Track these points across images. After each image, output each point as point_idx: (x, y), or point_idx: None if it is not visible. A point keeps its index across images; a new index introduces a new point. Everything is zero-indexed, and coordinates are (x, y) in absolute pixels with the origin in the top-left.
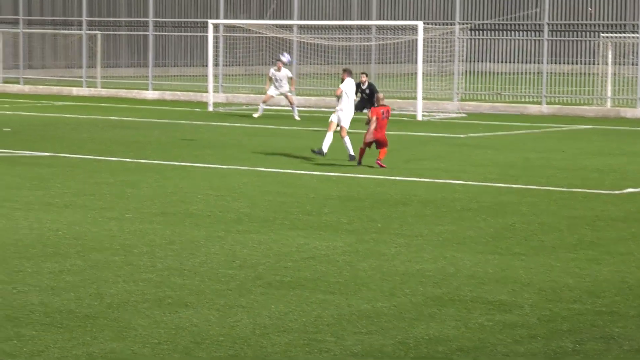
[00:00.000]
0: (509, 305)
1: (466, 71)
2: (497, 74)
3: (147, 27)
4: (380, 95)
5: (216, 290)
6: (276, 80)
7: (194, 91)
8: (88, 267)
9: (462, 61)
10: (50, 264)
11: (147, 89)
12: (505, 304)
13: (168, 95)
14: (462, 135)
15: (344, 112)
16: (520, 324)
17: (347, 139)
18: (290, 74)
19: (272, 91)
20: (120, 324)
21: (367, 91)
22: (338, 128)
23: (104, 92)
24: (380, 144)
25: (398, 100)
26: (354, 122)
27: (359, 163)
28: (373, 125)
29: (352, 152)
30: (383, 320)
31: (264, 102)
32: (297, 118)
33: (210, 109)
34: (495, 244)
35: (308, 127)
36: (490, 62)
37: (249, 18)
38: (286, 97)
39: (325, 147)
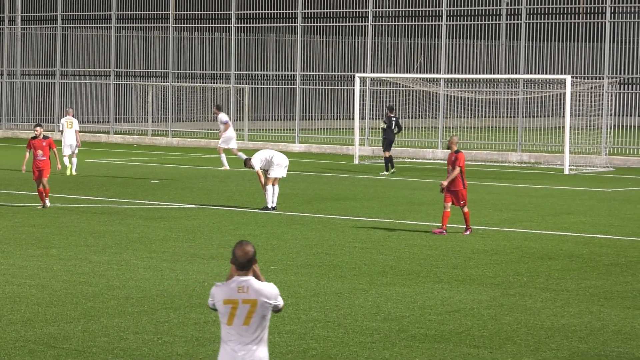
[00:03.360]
0: None
1: (614, 125)
2: None
3: (294, 81)
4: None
5: (360, 342)
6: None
7: (340, 144)
8: None
9: (611, 115)
10: (196, 315)
11: (293, 142)
12: None
13: (314, 148)
14: (609, 190)
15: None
16: None
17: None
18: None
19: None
20: None
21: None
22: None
23: (251, 144)
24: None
25: (545, 154)
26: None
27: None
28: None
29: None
30: None
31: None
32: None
33: (356, 161)
34: None
35: None
36: (639, 116)
37: (396, 71)
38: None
39: (270, 203)
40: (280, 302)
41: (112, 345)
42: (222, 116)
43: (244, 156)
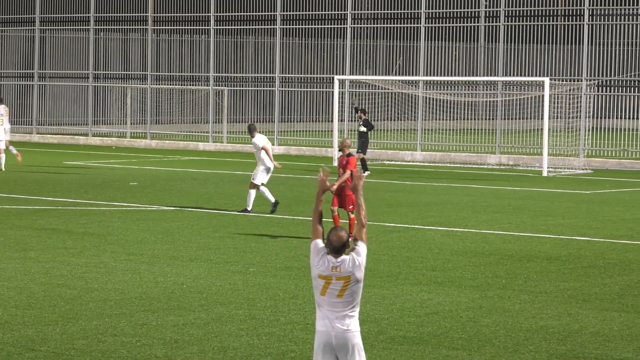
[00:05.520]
0: None
1: (592, 127)
2: (624, 130)
3: (273, 83)
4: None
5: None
6: None
7: (318, 146)
8: (212, 321)
9: (589, 117)
10: (174, 317)
11: (272, 144)
12: None
13: (293, 150)
14: (588, 192)
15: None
16: None
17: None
18: None
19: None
20: None
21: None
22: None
23: (229, 147)
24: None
25: (524, 156)
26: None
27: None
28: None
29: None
30: None
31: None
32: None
33: (335, 163)
34: (621, 302)
35: (433, 182)
36: (617, 118)
37: (375, 74)
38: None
39: (250, 205)
40: (363, 252)
41: (91, 347)
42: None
43: (15, 151)
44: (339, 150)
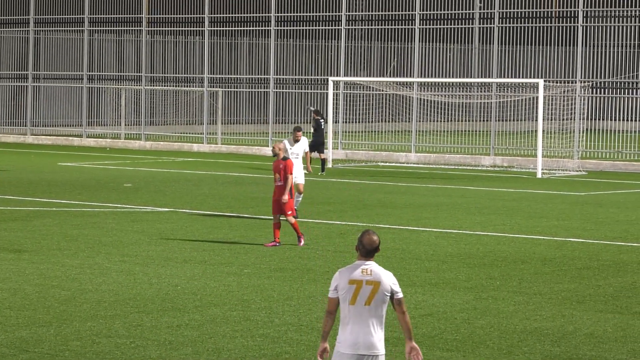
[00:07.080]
0: None
1: (587, 129)
2: (618, 131)
3: (267, 84)
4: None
5: (333, 345)
6: None
7: None
8: (206, 322)
9: (583, 119)
10: (168, 319)
11: (267, 146)
12: None
13: None
14: (582, 193)
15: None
16: None
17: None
18: None
19: None
20: None
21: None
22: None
23: (224, 148)
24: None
25: (518, 157)
26: None
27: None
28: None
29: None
30: None
31: None
32: None
33: (330, 165)
34: (615, 303)
35: (427, 184)
36: (611, 120)
37: (369, 75)
38: None
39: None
40: (399, 289)
41: (85, 349)
42: None
43: None
44: (274, 155)
